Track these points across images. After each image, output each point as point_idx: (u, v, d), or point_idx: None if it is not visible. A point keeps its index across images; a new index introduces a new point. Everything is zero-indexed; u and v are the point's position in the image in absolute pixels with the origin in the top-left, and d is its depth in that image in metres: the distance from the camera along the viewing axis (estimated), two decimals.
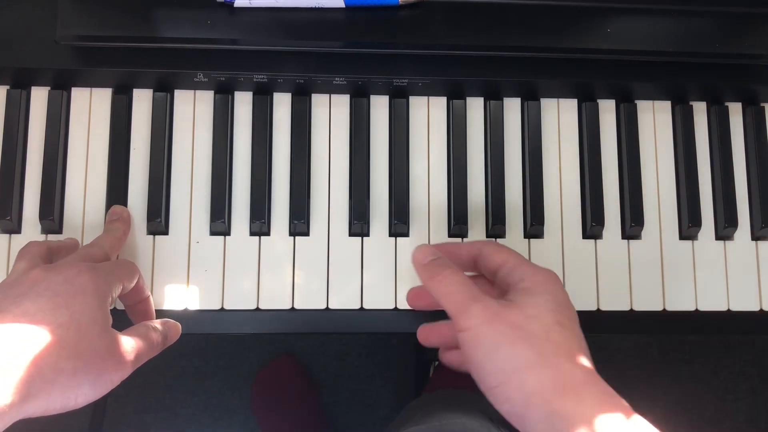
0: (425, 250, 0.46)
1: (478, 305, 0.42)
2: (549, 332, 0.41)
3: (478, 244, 0.48)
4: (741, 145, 0.57)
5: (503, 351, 0.41)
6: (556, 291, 0.44)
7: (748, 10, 0.53)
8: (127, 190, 0.53)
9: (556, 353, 0.41)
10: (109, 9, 0.51)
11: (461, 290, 0.43)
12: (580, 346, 0.42)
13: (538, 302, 0.43)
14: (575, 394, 0.39)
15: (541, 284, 0.44)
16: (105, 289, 0.42)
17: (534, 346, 0.40)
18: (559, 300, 0.43)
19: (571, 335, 0.42)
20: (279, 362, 1.21)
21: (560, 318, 0.42)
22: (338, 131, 0.55)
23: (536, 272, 0.45)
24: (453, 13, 0.52)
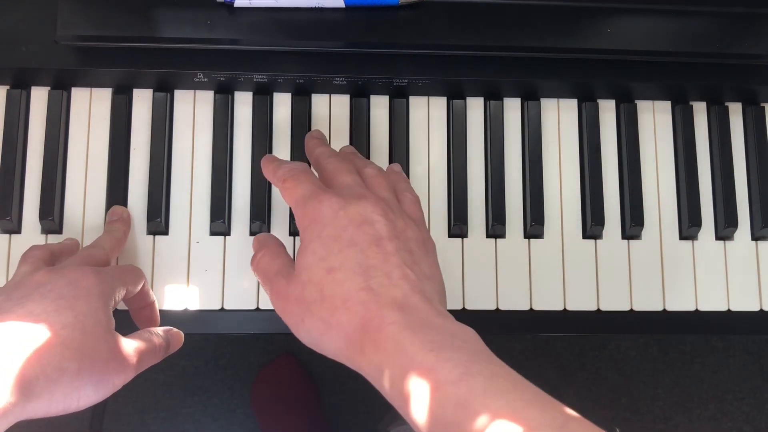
0: (255, 238, 0.46)
1: (272, 293, 0.42)
2: (323, 290, 0.38)
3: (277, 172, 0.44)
4: (741, 145, 0.57)
5: (301, 330, 0.40)
6: (323, 228, 0.40)
7: (748, 10, 0.53)
8: (127, 190, 0.53)
9: (333, 310, 0.38)
10: (109, 9, 0.51)
11: (264, 275, 0.43)
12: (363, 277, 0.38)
13: (307, 260, 0.39)
14: (359, 345, 0.37)
15: (309, 229, 0.40)
16: (108, 293, 0.42)
17: (315, 313, 0.38)
18: (327, 238, 0.39)
19: (346, 275, 0.38)
20: (279, 362, 1.21)
21: (330, 262, 0.39)
22: (338, 131, 0.55)
23: (304, 214, 0.41)
24: (453, 13, 0.52)
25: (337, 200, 0.40)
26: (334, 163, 0.45)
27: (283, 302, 0.41)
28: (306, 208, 0.41)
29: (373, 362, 0.37)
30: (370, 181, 0.44)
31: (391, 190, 0.44)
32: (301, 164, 0.45)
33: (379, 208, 0.41)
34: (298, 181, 0.42)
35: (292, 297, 0.40)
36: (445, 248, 0.53)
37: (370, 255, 0.39)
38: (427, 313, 0.37)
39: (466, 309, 0.53)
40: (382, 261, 0.39)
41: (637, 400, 1.26)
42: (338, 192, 0.42)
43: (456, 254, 0.54)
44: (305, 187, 0.42)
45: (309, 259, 0.40)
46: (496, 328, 0.53)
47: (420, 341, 0.35)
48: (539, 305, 0.53)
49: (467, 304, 0.53)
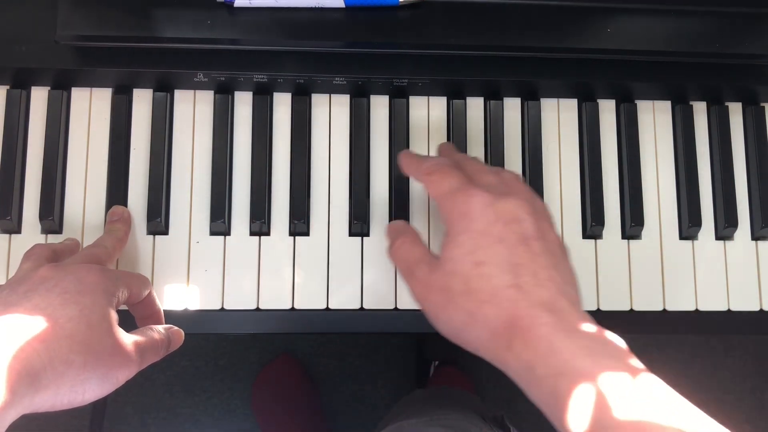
0: (390, 225, 0.47)
1: (413, 281, 0.42)
2: (469, 282, 0.39)
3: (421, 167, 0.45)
4: (741, 145, 0.57)
5: (441, 319, 0.41)
6: (471, 222, 0.40)
7: (748, 10, 0.53)
8: (127, 190, 0.53)
9: (479, 303, 0.38)
10: (109, 9, 0.51)
11: (404, 263, 0.43)
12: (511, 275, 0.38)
13: (454, 252, 0.40)
14: (506, 341, 0.37)
15: (457, 222, 0.41)
16: (112, 290, 0.42)
17: (459, 304, 0.39)
18: (476, 232, 0.40)
19: (494, 270, 0.39)
20: (279, 362, 1.21)
21: (478, 256, 0.39)
22: (338, 131, 0.55)
23: (452, 207, 0.41)
24: (453, 13, 0.52)
25: (487, 195, 0.41)
26: (475, 164, 0.46)
27: (425, 290, 0.41)
28: (455, 201, 0.41)
29: (521, 359, 0.37)
30: (510, 183, 0.44)
31: (530, 194, 0.45)
32: (446, 159, 0.45)
33: (526, 207, 0.41)
34: (445, 174, 0.43)
35: (436, 286, 0.41)
36: None
37: (518, 253, 0.39)
38: (575, 317, 0.37)
39: None
40: (529, 260, 0.39)
41: None
42: (486, 188, 0.42)
43: None
44: (453, 180, 0.42)
45: (456, 251, 0.40)
46: None
47: (575, 345, 0.36)
48: None
49: None
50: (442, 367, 1.22)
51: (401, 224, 0.47)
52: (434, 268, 0.41)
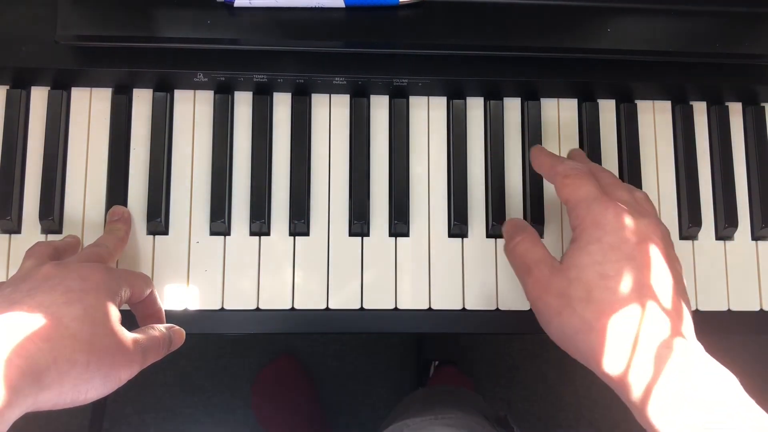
0: (509, 221, 0.48)
1: (530, 279, 0.43)
2: (591, 292, 0.39)
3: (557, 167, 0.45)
4: (741, 145, 0.57)
5: (554, 322, 0.41)
6: (604, 234, 0.41)
7: (748, 10, 0.53)
8: (127, 190, 0.53)
9: (599, 314, 0.39)
10: (109, 9, 0.51)
11: (522, 260, 0.44)
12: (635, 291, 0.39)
13: (581, 260, 0.41)
14: (620, 357, 0.38)
15: (588, 230, 0.41)
16: (115, 289, 0.43)
17: (577, 312, 0.40)
18: (607, 245, 0.40)
19: (618, 284, 0.39)
20: (279, 362, 1.21)
21: (605, 269, 0.40)
22: (338, 131, 0.55)
23: (586, 215, 0.42)
24: (453, 13, 0.52)
25: (623, 211, 0.41)
26: (610, 178, 0.46)
27: (542, 291, 0.42)
28: (590, 210, 0.42)
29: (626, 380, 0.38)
30: (641, 204, 0.45)
31: (659, 218, 0.45)
32: (584, 165, 0.46)
33: (659, 230, 0.42)
34: (583, 181, 0.43)
35: (554, 289, 0.41)
36: (445, 248, 0.54)
37: (645, 276, 0.39)
38: (689, 350, 0.38)
39: (466, 309, 0.53)
40: (655, 284, 0.40)
41: None
42: (620, 204, 0.42)
43: (456, 254, 0.54)
44: (590, 188, 0.43)
45: (585, 259, 0.40)
46: (496, 327, 0.53)
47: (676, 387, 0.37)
48: None
49: (467, 304, 0.53)
50: (442, 367, 1.22)
51: (520, 222, 0.47)
52: (556, 272, 0.42)
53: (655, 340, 0.38)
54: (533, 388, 1.27)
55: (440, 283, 0.53)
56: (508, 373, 1.27)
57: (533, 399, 1.26)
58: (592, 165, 0.48)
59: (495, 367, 1.27)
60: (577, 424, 1.25)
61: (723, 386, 0.37)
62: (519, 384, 1.27)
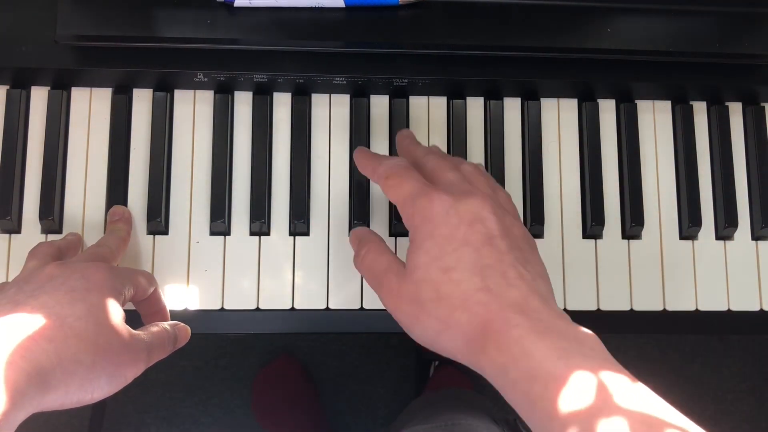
0: (353, 233, 0.46)
1: (382, 291, 0.42)
2: (439, 289, 0.38)
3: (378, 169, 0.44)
4: (741, 145, 0.57)
5: (416, 329, 0.40)
6: (435, 228, 0.39)
7: (748, 10, 0.53)
8: (127, 189, 0.53)
9: (451, 310, 0.38)
10: (109, 9, 0.51)
11: (371, 273, 0.43)
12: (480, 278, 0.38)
13: (421, 259, 0.39)
14: (480, 345, 0.37)
15: (420, 228, 0.40)
16: (119, 288, 0.42)
17: (431, 312, 0.38)
18: (440, 237, 0.39)
19: (462, 275, 0.38)
20: (279, 362, 1.21)
21: (445, 262, 0.38)
22: (338, 131, 0.55)
23: (414, 213, 0.40)
24: (453, 12, 0.52)
25: (447, 198, 0.40)
26: (434, 161, 0.45)
27: (396, 300, 0.41)
28: (415, 207, 0.41)
29: (496, 363, 0.36)
30: (471, 178, 0.43)
31: (492, 187, 0.44)
32: (402, 160, 0.44)
33: (488, 205, 0.40)
34: (403, 178, 0.42)
35: (406, 295, 0.40)
36: None
37: (485, 254, 0.38)
38: (548, 315, 0.37)
39: None
40: (497, 260, 0.38)
41: None
42: (446, 189, 0.41)
43: None
44: (411, 184, 0.42)
45: (423, 258, 0.39)
46: None
47: (547, 347, 0.35)
48: None
49: None
50: (442, 367, 1.22)
51: (364, 231, 0.46)
52: (402, 278, 0.40)
53: (507, 316, 0.36)
54: None
55: None
56: None
57: None
58: (419, 151, 0.46)
59: None
60: None
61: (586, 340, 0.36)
62: None
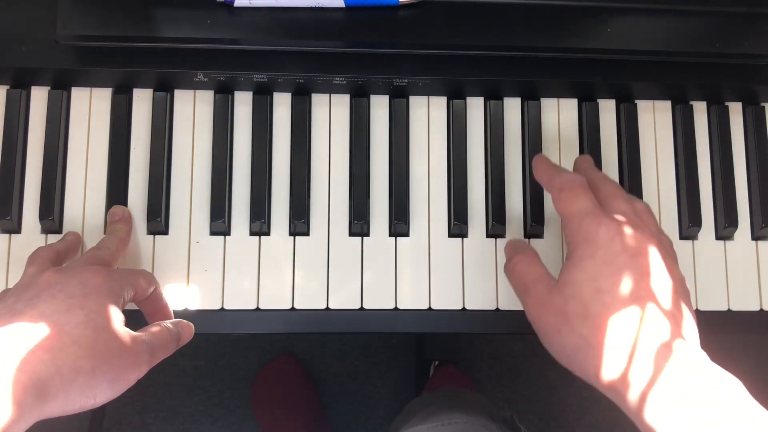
0: (509, 242, 0.48)
1: (528, 298, 0.43)
2: (587, 308, 0.39)
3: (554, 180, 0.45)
4: (741, 145, 0.57)
5: (555, 340, 0.41)
6: (597, 249, 0.41)
7: (748, 10, 0.53)
8: (127, 190, 0.53)
9: (596, 330, 0.39)
10: (109, 9, 0.51)
11: (520, 280, 0.44)
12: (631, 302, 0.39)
13: (576, 276, 0.40)
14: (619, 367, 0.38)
15: (581, 246, 0.41)
16: (118, 291, 0.42)
17: (575, 328, 0.39)
18: (600, 260, 0.40)
19: (614, 300, 0.39)
20: (279, 362, 1.21)
21: (600, 284, 0.40)
22: (338, 131, 0.55)
23: (578, 230, 0.42)
24: (453, 12, 0.52)
25: (616, 225, 0.41)
26: (611, 188, 0.46)
27: (540, 309, 0.42)
28: (581, 224, 0.42)
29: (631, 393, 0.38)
30: (641, 215, 0.44)
31: (659, 229, 0.45)
32: (580, 177, 0.45)
33: (653, 242, 0.41)
34: (577, 195, 0.43)
35: (552, 307, 0.41)
36: (445, 248, 0.54)
37: (641, 287, 0.39)
38: (689, 353, 0.38)
39: (466, 309, 0.53)
40: (648, 295, 0.39)
41: None
42: (616, 217, 0.42)
43: (456, 254, 0.54)
44: (584, 203, 0.42)
45: (579, 275, 0.40)
46: (496, 327, 0.53)
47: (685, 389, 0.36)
48: None
49: (467, 304, 0.53)
50: (442, 367, 1.22)
51: (520, 242, 0.48)
52: (552, 289, 0.42)
53: (652, 347, 0.38)
54: (534, 388, 1.26)
55: (440, 283, 0.53)
56: (509, 373, 1.27)
57: (534, 399, 1.26)
58: (596, 174, 0.48)
59: (495, 367, 1.27)
60: (578, 424, 1.25)
61: (726, 388, 0.37)
62: (519, 384, 1.26)
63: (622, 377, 0.38)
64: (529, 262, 0.45)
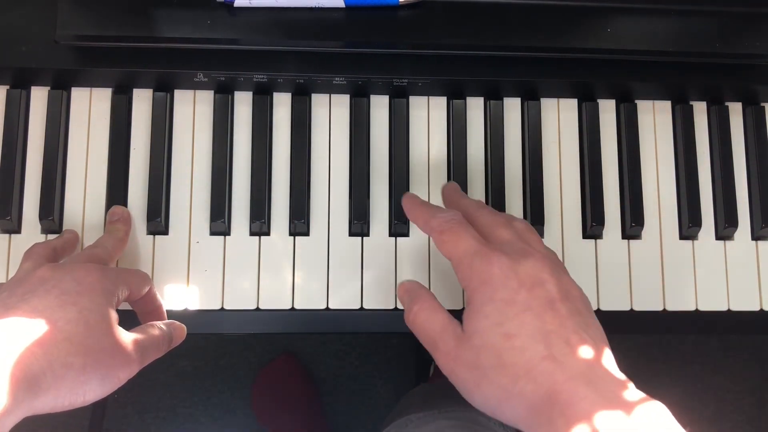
0: (401, 286, 0.45)
1: (438, 354, 0.41)
2: (501, 356, 0.37)
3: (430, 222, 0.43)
4: (741, 145, 0.57)
5: (475, 395, 0.39)
6: (494, 291, 0.39)
7: (748, 10, 0.53)
8: (127, 190, 0.53)
9: (514, 379, 0.37)
10: (109, 9, 0.51)
11: (424, 333, 0.42)
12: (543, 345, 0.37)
13: (481, 324, 0.38)
14: (546, 417, 0.36)
15: (479, 290, 0.39)
16: (112, 290, 0.42)
17: (493, 380, 0.37)
18: (501, 302, 0.38)
19: (526, 342, 0.37)
20: (279, 362, 1.21)
21: (507, 328, 0.38)
22: (338, 131, 0.55)
23: (471, 274, 0.40)
24: (453, 13, 0.52)
25: (506, 260, 0.39)
26: (487, 216, 0.44)
27: (453, 364, 0.39)
28: (473, 268, 0.40)
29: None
30: (524, 236, 0.43)
31: (542, 244, 0.43)
32: (457, 214, 0.43)
33: (546, 266, 0.40)
34: (459, 235, 0.41)
35: (464, 361, 0.39)
36: None
37: (547, 320, 0.38)
38: (614, 384, 0.36)
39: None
40: (559, 326, 0.38)
41: None
42: (502, 249, 0.40)
43: None
44: (468, 242, 0.41)
45: (483, 322, 0.38)
46: None
47: (614, 422, 0.34)
48: None
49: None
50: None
51: (414, 285, 0.44)
52: (461, 342, 0.39)
53: (576, 385, 0.36)
54: None
55: (440, 282, 0.53)
56: None
57: None
58: (468, 202, 0.46)
59: None
60: None
61: (656, 415, 0.36)
62: None
63: (549, 423, 0.36)
64: (429, 311, 0.42)
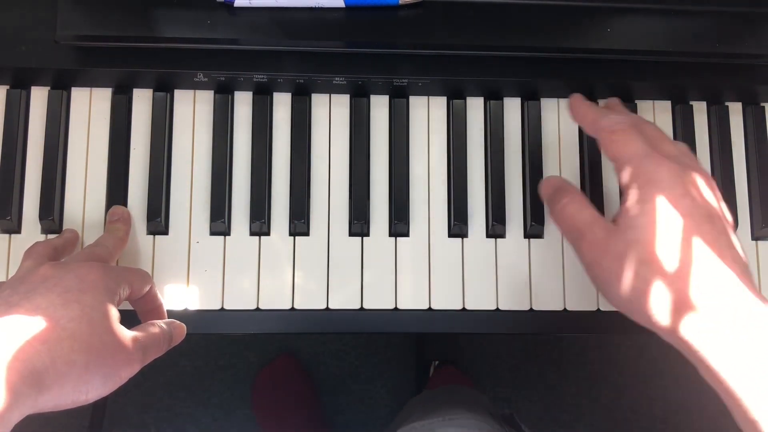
0: (547, 181, 0.46)
1: (584, 243, 0.42)
2: (652, 253, 0.38)
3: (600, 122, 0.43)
4: (741, 145, 0.57)
5: (614, 286, 0.40)
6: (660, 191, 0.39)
7: (748, 10, 0.53)
8: (127, 190, 0.53)
9: (664, 276, 0.38)
10: (109, 9, 0.51)
11: (572, 224, 0.43)
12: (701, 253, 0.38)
13: (639, 221, 0.39)
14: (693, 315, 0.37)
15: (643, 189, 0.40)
16: (114, 288, 0.42)
17: (639, 274, 0.38)
18: (664, 203, 0.39)
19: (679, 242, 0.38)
20: (279, 362, 1.21)
21: (664, 227, 0.39)
22: (338, 131, 0.55)
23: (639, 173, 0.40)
24: (453, 13, 0.52)
25: (676, 166, 0.40)
26: (655, 131, 0.44)
27: (599, 254, 0.40)
28: (641, 167, 0.40)
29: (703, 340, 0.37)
30: (689, 155, 0.44)
31: (702, 167, 0.44)
32: (629, 118, 0.44)
33: (711, 184, 0.41)
34: (631, 136, 0.42)
35: (612, 252, 0.40)
36: (445, 248, 0.54)
37: (705, 231, 0.38)
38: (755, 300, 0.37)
39: (467, 309, 0.53)
40: (714, 239, 0.38)
41: (637, 400, 1.27)
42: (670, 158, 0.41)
43: (456, 254, 0.54)
44: (638, 145, 0.41)
45: (642, 218, 0.39)
46: (496, 327, 0.53)
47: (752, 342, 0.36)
48: (539, 305, 0.53)
49: (467, 304, 0.53)
50: (442, 366, 1.22)
51: (560, 181, 0.45)
52: (611, 233, 0.40)
53: (724, 293, 0.37)
54: (533, 388, 1.27)
55: (440, 283, 0.53)
56: (508, 373, 1.27)
57: (533, 399, 1.26)
58: (634, 117, 0.46)
59: (495, 367, 1.27)
60: (577, 424, 1.25)
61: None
62: (519, 384, 1.27)
63: (694, 325, 0.37)
64: (579, 204, 0.43)
